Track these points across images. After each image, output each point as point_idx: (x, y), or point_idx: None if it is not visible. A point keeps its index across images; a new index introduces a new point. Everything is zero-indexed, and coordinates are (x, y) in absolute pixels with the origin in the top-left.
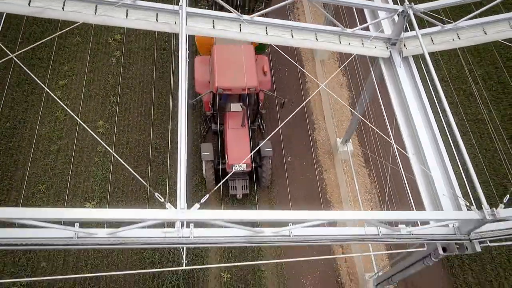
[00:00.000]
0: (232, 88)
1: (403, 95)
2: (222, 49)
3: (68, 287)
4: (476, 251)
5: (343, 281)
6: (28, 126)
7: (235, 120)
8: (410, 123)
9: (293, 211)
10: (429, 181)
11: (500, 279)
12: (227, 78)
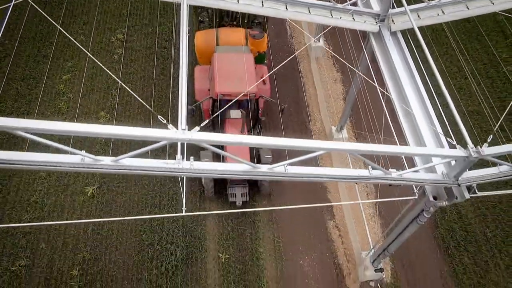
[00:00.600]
0: (232, 93)
1: (392, 63)
2: (222, 57)
3: (67, 267)
4: (465, 198)
5: (340, 262)
6: (31, 117)
7: (235, 127)
8: (399, 87)
9: (288, 139)
10: (417, 135)
11: (496, 259)
12: (227, 84)
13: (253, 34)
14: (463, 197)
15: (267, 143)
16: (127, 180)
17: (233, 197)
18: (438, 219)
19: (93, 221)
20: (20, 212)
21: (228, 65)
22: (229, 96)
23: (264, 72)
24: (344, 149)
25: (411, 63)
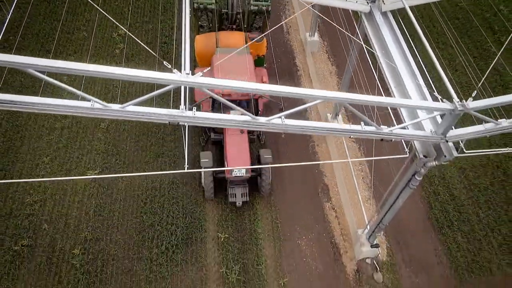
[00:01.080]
0: (231, 93)
1: (383, 41)
2: (222, 58)
3: (69, 246)
4: (453, 155)
5: (337, 241)
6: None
7: (234, 128)
8: (390, 60)
9: (285, 86)
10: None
11: (489, 238)
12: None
13: (252, 37)
14: (451, 155)
15: (265, 89)
16: (128, 165)
17: (233, 197)
18: (432, 201)
19: (99, 177)
20: (23, 195)
21: (228, 65)
22: (229, 96)
23: (264, 74)
24: (337, 98)
25: (401, 39)
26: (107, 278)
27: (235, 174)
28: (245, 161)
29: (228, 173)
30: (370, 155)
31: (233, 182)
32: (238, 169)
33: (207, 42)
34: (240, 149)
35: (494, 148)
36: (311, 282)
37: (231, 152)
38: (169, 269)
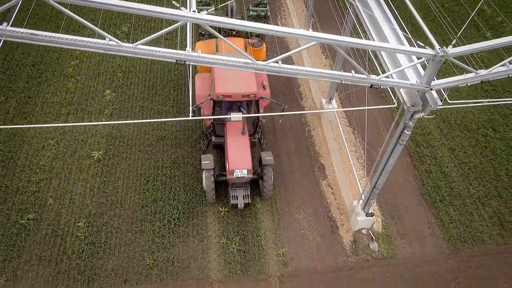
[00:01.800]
0: (232, 94)
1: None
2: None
3: (74, 220)
4: (437, 104)
5: (334, 215)
6: (41, 95)
7: (236, 129)
8: (370, 12)
9: (281, 27)
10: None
11: (480, 211)
12: (227, 85)
13: (252, 43)
14: (436, 104)
15: (262, 28)
16: (131, 147)
17: (235, 199)
18: (424, 178)
19: (111, 123)
20: (29, 173)
21: (228, 73)
22: (229, 97)
23: (264, 79)
24: (329, 39)
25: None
26: (111, 248)
27: (237, 175)
28: (246, 163)
29: (230, 174)
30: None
31: (234, 184)
32: (240, 169)
33: (206, 48)
34: (241, 151)
35: (482, 129)
36: (309, 252)
37: (232, 153)
38: (171, 240)
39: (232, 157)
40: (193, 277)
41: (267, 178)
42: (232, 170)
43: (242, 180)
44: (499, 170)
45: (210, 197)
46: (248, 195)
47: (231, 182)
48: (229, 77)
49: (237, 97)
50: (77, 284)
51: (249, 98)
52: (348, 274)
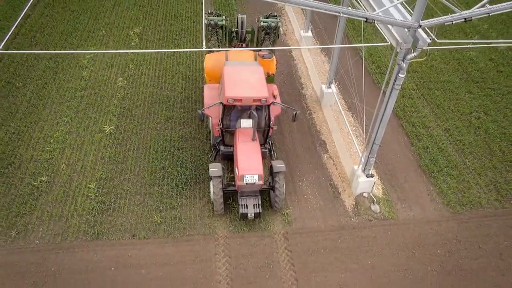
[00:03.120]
0: (242, 98)
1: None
2: (232, 68)
3: (85, 183)
4: (426, 42)
5: (335, 182)
6: (57, 82)
7: (246, 135)
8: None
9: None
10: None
11: (476, 180)
12: (237, 89)
13: (262, 55)
14: (425, 42)
15: None
16: (141, 124)
17: (245, 208)
18: (421, 153)
19: (135, 51)
20: (43, 144)
21: (238, 74)
22: (239, 102)
23: (274, 89)
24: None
25: None
26: (120, 207)
27: (247, 181)
28: (257, 168)
29: (239, 179)
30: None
31: (244, 193)
32: (250, 175)
33: (216, 61)
34: (251, 156)
35: (474, 113)
36: (312, 214)
37: (242, 158)
38: (179, 201)
39: (242, 162)
40: (200, 233)
41: (279, 186)
42: (242, 176)
43: (252, 188)
44: (492, 146)
45: (218, 207)
46: (259, 204)
47: (240, 190)
48: (240, 81)
49: (247, 102)
50: (87, 236)
51: (260, 102)
52: (351, 232)
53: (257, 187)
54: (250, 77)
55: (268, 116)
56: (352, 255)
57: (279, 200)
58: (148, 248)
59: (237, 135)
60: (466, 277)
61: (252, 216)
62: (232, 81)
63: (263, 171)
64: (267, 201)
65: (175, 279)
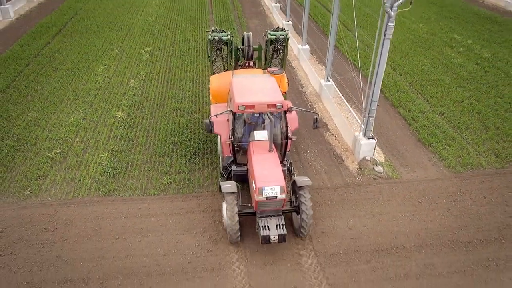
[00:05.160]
0: (255, 104)
1: None
2: (241, 79)
3: (98, 153)
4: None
5: (339, 152)
6: (73, 85)
7: (261, 148)
8: None
9: None
10: None
11: (474, 147)
12: (248, 95)
13: (272, 70)
14: None
15: None
16: (151, 113)
17: (266, 229)
18: (419, 129)
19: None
20: (59, 127)
21: (248, 83)
22: (251, 109)
23: (288, 103)
24: None
25: None
26: (131, 172)
27: (266, 195)
28: (278, 179)
29: (258, 193)
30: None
31: (264, 213)
32: (270, 186)
33: (221, 81)
34: (270, 166)
35: (466, 100)
36: (318, 176)
37: (259, 170)
38: (188, 167)
39: (259, 173)
40: (209, 191)
41: (305, 204)
42: (260, 189)
43: (274, 204)
44: (487, 123)
45: (233, 235)
46: (282, 224)
47: (259, 209)
48: (251, 89)
49: (261, 108)
50: (98, 192)
51: (276, 108)
52: (356, 189)
53: (279, 204)
54: (261, 85)
55: (286, 126)
56: (359, 205)
57: (306, 225)
58: (157, 202)
59: (252, 148)
60: (474, 220)
61: (276, 239)
62: (242, 89)
63: (285, 182)
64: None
65: (185, 224)
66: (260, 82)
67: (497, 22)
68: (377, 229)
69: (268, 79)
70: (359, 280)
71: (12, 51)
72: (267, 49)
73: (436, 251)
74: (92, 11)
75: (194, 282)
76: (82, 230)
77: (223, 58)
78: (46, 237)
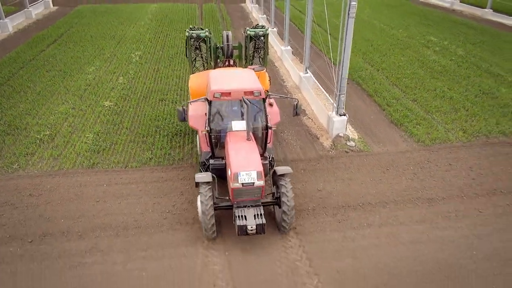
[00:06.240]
0: (231, 91)
1: None
2: (219, 71)
3: (84, 135)
4: None
5: (314, 132)
6: (65, 83)
7: (239, 137)
8: None
9: None
10: None
11: (444, 126)
12: (225, 83)
13: (253, 68)
14: None
15: None
16: (138, 103)
17: (242, 219)
18: (392, 112)
19: None
20: (48, 115)
21: (225, 73)
22: (228, 96)
23: (271, 101)
24: None
25: None
26: (114, 149)
27: (243, 181)
28: (255, 164)
29: (233, 180)
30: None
31: (241, 203)
32: (247, 171)
33: (200, 80)
34: (247, 153)
35: (439, 89)
36: (293, 151)
37: (235, 156)
38: (169, 144)
39: (235, 159)
40: (188, 164)
41: (286, 194)
42: (236, 174)
43: (252, 193)
44: (457, 106)
45: (209, 230)
46: (261, 214)
47: (236, 199)
48: (228, 77)
49: (238, 95)
50: (83, 165)
51: (253, 96)
52: (329, 160)
53: (258, 192)
54: (239, 75)
55: (265, 115)
56: (330, 172)
57: (288, 218)
58: (139, 173)
59: (229, 138)
60: (438, 182)
61: (254, 229)
62: (219, 78)
63: (263, 169)
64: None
65: (163, 189)
66: (238, 73)
67: (473, 27)
68: (345, 191)
69: (246, 70)
70: (325, 229)
71: (8, 57)
72: (247, 47)
73: (400, 207)
74: (87, 24)
75: (168, 234)
76: (65, 195)
77: (202, 58)
78: (30, 201)
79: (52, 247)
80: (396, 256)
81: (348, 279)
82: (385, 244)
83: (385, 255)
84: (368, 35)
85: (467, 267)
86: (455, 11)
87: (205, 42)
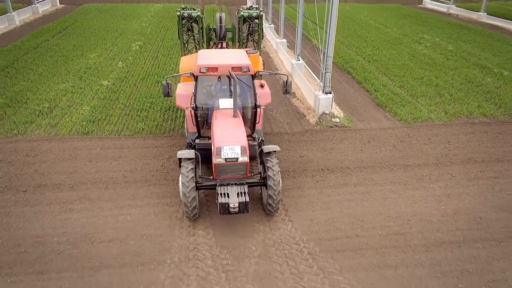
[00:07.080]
0: (218, 66)
1: None
2: (209, 50)
3: (81, 108)
4: None
5: (301, 111)
6: (67, 66)
7: (226, 114)
8: None
9: None
10: None
11: (427, 107)
12: (212, 58)
13: (246, 50)
14: None
15: None
16: (135, 85)
17: (225, 197)
18: (379, 97)
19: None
20: (49, 92)
21: (214, 52)
22: (215, 71)
23: (262, 82)
24: None
25: None
26: (109, 120)
27: (226, 156)
28: (239, 139)
29: (216, 155)
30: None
31: (225, 181)
32: (230, 146)
33: (191, 62)
34: (232, 128)
35: (426, 77)
36: (280, 126)
37: (219, 131)
38: (161, 117)
39: (218, 134)
40: (178, 134)
41: (273, 173)
42: (218, 149)
43: (236, 170)
44: (442, 92)
45: (191, 210)
46: (245, 192)
47: (219, 176)
48: (216, 54)
49: (225, 71)
50: (78, 132)
51: (242, 72)
52: (313, 134)
53: (242, 169)
54: (228, 53)
55: (254, 93)
56: (313, 144)
57: (273, 202)
58: (131, 140)
59: (215, 115)
60: (416, 153)
61: (236, 207)
62: (206, 55)
63: (247, 144)
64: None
65: (153, 153)
66: (228, 51)
67: (467, 28)
68: (326, 158)
69: (237, 50)
70: (303, 187)
71: (13, 45)
72: (240, 28)
73: (376, 170)
74: (91, 19)
75: (155, 187)
76: (60, 156)
77: (195, 39)
78: (27, 160)
79: (45, 196)
80: (368, 210)
81: (321, 227)
82: (359, 199)
83: (357, 208)
84: (363, 33)
85: (435, 220)
86: (451, 14)
87: (197, 22)
